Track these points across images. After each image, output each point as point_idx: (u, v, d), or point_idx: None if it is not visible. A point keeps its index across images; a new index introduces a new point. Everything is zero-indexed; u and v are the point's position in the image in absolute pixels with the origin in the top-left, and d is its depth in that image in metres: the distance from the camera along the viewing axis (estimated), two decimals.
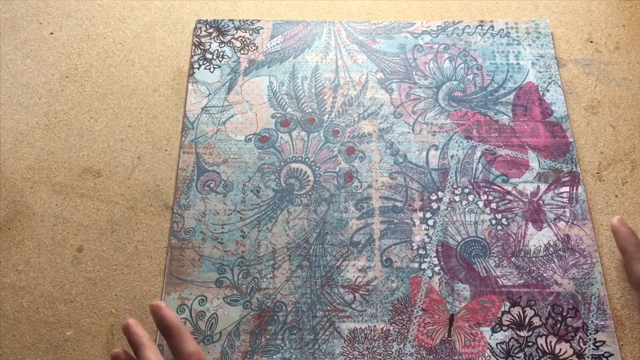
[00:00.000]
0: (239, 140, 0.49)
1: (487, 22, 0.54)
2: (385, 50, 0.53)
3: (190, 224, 0.46)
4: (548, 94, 0.50)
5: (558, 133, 0.49)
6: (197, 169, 0.48)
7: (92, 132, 0.50)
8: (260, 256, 0.44)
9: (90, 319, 0.43)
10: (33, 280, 0.44)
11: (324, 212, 0.46)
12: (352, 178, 0.47)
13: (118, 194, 0.48)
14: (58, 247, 0.45)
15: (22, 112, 0.51)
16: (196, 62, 0.53)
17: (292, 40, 0.54)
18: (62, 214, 0.47)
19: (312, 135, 0.49)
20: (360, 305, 0.43)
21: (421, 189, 0.47)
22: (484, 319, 0.42)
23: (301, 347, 0.41)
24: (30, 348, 0.42)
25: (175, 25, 0.56)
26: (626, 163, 0.48)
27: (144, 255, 0.45)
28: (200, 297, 0.43)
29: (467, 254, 0.44)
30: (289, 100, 0.51)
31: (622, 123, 0.50)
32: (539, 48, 0.53)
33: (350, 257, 0.44)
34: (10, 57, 0.54)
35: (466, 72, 0.52)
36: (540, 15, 0.55)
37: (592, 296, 0.42)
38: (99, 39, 0.55)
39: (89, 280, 0.44)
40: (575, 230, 0.45)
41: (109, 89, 0.52)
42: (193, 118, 0.50)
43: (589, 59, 0.53)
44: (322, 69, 0.52)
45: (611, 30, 0.54)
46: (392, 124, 0.50)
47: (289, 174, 0.48)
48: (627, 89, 0.51)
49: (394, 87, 0.51)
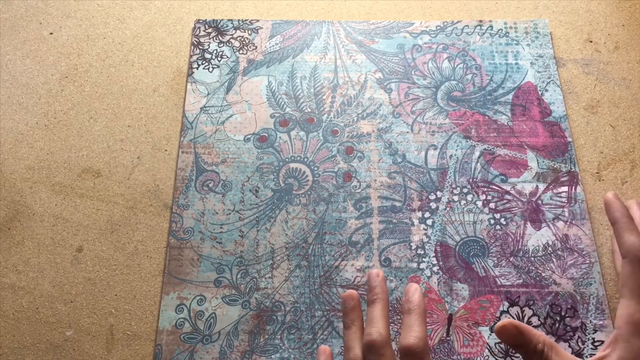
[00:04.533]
0: (237, 140, 0.49)
1: (486, 22, 0.54)
2: (384, 50, 0.53)
3: (189, 224, 0.46)
4: (547, 94, 0.50)
5: (557, 133, 0.49)
6: (196, 169, 0.48)
7: (91, 132, 0.50)
8: (259, 256, 0.45)
9: (90, 319, 0.43)
10: (33, 280, 0.44)
11: (322, 211, 0.46)
12: (350, 178, 0.47)
13: (118, 194, 0.48)
14: (58, 247, 0.46)
15: (22, 112, 0.51)
16: (195, 62, 0.53)
17: (291, 40, 0.54)
18: (62, 214, 0.47)
19: (311, 135, 0.49)
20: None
21: (420, 189, 0.47)
22: (482, 319, 0.42)
23: (300, 347, 0.41)
24: (30, 348, 0.42)
25: (175, 25, 0.56)
26: (626, 163, 0.48)
27: (144, 255, 0.45)
28: (198, 297, 0.43)
29: (465, 254, 0.44)
30: (287, 100, 0.51)
31: (622, 123, 0.50)
32: (537, 48, 0.53)
33: (349, 256, 0.44)
34: (10, 57, 0.54)
35: (465, 72, 0.52)
36: (540, 15, 0.55)
37: (590, 296, 0.42)
38: (99, 39, 0.55)
39: (89, 280, 0.44)
40: (574, 230, 0.45)
41: (108, 89, 0.52)
42: (192, 118, 0.50)
43: (589, 59, 0.53)
44: (321, 68, 0.52)
45: (611, 30, 0.54)
46: (390, 123, 0.50)
47: (287, 173, 0.48)
48: (626, 89, 0.51)
49: (392, 87, 0.51)
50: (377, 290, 0.33)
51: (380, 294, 0.33)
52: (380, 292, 0.33)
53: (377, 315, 0.32)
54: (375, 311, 0.32)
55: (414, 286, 0.33)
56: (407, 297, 0.32)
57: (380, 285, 0.33)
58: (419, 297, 0.32)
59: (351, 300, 0.34)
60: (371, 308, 0.32)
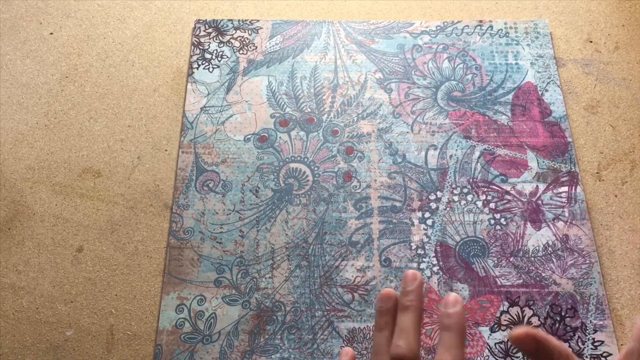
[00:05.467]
0: (237, 140, 0.49)
1: (486, 22, 0.54)
2: (384, 50, 0.53)
3: (189, 224, 0.46)
4: (547, 94, 0.50)
5: (557, 133, 0.49)
6: (196, 169, 0.48)
7: (91, 132, 0.50)
8: (259, 256, 0.45)
9: (90, 319, 0.43)
10: (33, 280, 0.44)
11: (322, 212, 0.46)
12: (351, 178, 0.47)
13: (118, 194, 0.48)
14: (58, 247, 0.46)
15: (22, 112, 0.51)
16: (195, 62, 0.53)
17: (291, 40, 0.54)
18: (62, 214, 0.47)
19: (311, 135, 0.49)
20: (359, 305, 0.43)
21: (420, 189, 0.47)
22: (482, 319, 0.42)
23: (300, 347, 0.41)
24: (30, 348, 0.42)
25: (175, 25, 0.56)
26: (626, 163, 0.48)
27: (144, 255, 0.45)
28: (199, 297, 0.43)
29: (465, 254, 0.44)
30: (287, 100, 0.51)
31: (622, 123, 0.50)
32: (537, 48, 0.53)
33: (349, 256, 0.44)
34: (10, 57, 0.54)
35: (465, 72, 0.52)
36: (540, 15, 0.55)
37: (590, 296, 0.42)
38: (99, 39, 0.55)
39: (89, 280, 0.44)
40: (574, 230, 0.45)
41: (108, 89, 0.52)
42: (192, 118, 0.50)
43: (589, 59, 0.53)
44: (321, 68, 0.52)
45: (611, 30, 0.54)
46: (391, 123, 0.50)
47: (287, 173, 0.48)
48: (626, 89, 0.51)
49: (392, 87, 0.51)
50: (412, 298, 0.30)
51: (415, 301, 0.30)
52: (415, 299, 0.30)
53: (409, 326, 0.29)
54: (407, 320, 0.30)
55: (455, 297, 0.29)
56: (446, 309, 0.29)
57: (417, 291, 0.31)
58: (460, 312, 0.29)
59: (388, 301, 0.31)
60: (404, 316, 0.30)
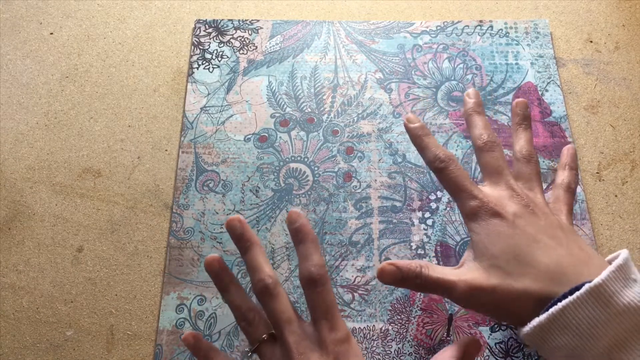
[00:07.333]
0: (238, 140, 0.49)
1: (486, 22, 0.54)
2: (384, 50, 0.53)
3: (189, 224, 0.46)
4: (547, 94, 0.50)
5: (557, 133, 0.49)
6: (196, 169, 0.48)
7: (92, 132, 0.50)
8: None
9: (90, 319, 0.43)
10: (33, 280, 0.44)
11: (322, 211, 0.46)
12: (351, 178, 0.48)
13: (118, 194, 0.48)
14: (58, 247, 0.46)
15: (22, 112, 0.51)
16: (195, 62, 0.53)
17: (291, 40, 0.54)
18: (62, 214, 0.47)
19: (311, 135, 0.49)
20: (359, 305, 0.43)
21: (420, 189, 0.47)
22: (482, 319, 0.42)
23: None
24: (30, 348, 0.42)
25: (175, 25, 0.56)
26: (626, 163, 0.48)
27: (144, 255, 0.45)
28: (199, 297, 0.43)
29: None
30: (288, 100, 0.51)
31: (622, 123, 0.50)
32: (538, 48, 0.53)
33: (349, 256, 0.44)
34: (10, 57, 0.54)
35: (465, 72, 0.52)
36: (540, 15, 0.55)
37: None
38: (99, 39, 0.55)
39: (89, 280, 0.44)
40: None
41: (108, 89, 0.52)
42: (192, 118, 0.50)
43: (589, 59, 0.53)
44: (321, 68, 0.52)
45: (611, 30, 0.54)
46: (391, 123, 0.50)
47: (288, 173, 0.48)
48: (626, 89, 0.51)
49: (393, 87, 0.51)
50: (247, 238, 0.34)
51: (249, 241, 0.34)
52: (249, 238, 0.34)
53: (259, 260, 0.33)
54: (253, 257, 0.34)
55: (295, 213, 0.33)
56: (292, 226, 0.34)
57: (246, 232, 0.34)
58: (304, 223, 0.33)
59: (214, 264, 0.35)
60: (249, 255, 0.34)
